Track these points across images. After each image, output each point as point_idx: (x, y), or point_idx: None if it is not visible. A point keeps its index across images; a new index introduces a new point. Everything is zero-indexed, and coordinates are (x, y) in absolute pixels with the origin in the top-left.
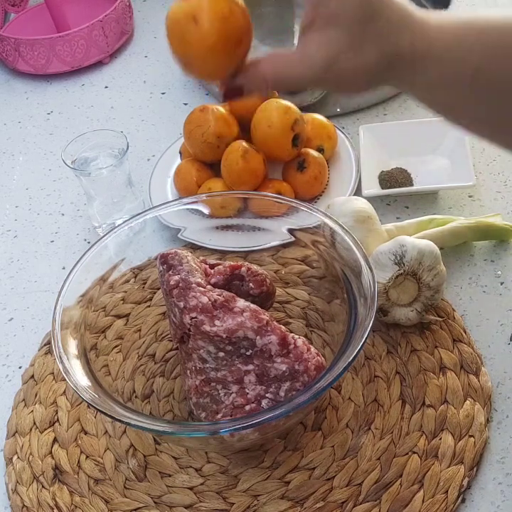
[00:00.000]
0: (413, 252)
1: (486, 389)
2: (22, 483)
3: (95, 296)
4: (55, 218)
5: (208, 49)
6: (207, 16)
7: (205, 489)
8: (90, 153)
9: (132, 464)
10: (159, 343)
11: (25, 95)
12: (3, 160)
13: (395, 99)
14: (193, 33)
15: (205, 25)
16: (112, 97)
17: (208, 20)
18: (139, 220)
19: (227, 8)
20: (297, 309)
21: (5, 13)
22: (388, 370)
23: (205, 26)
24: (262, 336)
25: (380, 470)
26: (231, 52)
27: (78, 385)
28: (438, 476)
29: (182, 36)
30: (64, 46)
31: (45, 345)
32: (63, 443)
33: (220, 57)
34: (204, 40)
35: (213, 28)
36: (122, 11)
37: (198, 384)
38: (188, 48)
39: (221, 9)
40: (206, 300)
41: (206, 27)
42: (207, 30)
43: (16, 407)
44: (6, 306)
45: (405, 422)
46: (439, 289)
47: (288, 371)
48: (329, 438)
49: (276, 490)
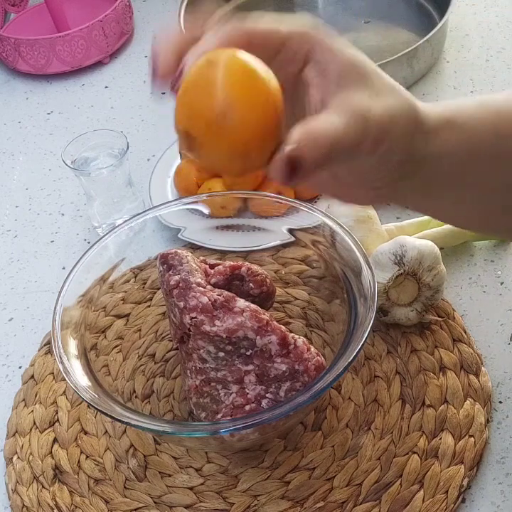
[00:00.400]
0: (413, 252)
1: (486, 389)
2: (22, 483)
3: (95, 296)
4: (55, 218)
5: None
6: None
7: (205, 489)
8: (90, 153)
9: (132, 464)
10: (159, 343)
11: (25, 95)
12: (3, 160)
13: None
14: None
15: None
16: (111, 97)
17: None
18: (139, 220)
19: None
20: (297, 309)
21: (5, 13)
22: (388, 370)
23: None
24: (262, 335)
25: (380, 470)
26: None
27: (78, 385)
28: (438, 476)
29: (207, 129)
30: (64, 46)
31: (45, 345)
32: (63, 443)
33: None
34: (235, 141)
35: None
36: (122, 11)
37: (198, 384)
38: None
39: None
40: (206, 300)
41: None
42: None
43: (16, 407)
44: (6, 306)
45: (405, 422)
46: (439, 289)
47: (288, 371)
48: (329, 438)
49: (276, 490)
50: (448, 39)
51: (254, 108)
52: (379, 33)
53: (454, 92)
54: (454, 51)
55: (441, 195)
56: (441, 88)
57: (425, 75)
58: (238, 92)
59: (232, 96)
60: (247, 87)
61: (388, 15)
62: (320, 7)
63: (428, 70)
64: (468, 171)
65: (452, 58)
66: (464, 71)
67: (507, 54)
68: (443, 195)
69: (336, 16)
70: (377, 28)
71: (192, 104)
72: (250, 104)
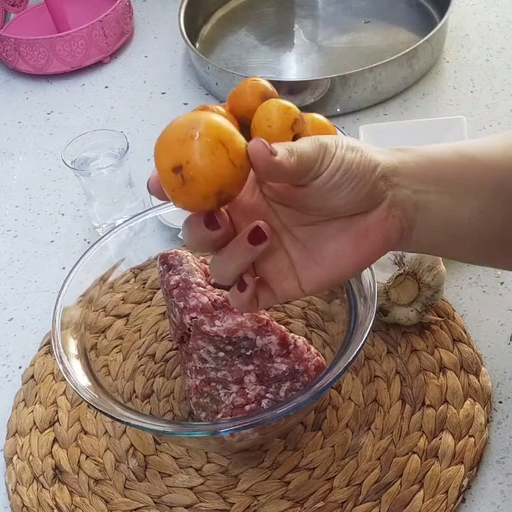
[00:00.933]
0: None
1: (486, 389)
2: (22, 483)
3: (95, 296)
4: (55, 218)
5: (196, 203)
6: (204, 178)
7: (205, 489)
8: (90, 153)
9: (132, 464)
10: (159, 343)
11: (25, 95)
12: (3, 160)
13: (395, 99)
14: (181, 189)
15: (195, 185)
16: (111, 97)
17: (199, 180)
18: (139, 220)
19: (224, 169)
20: (297, 309)
21: (5, 13)
22: (388, 370)
23: (195, 186)
24: (262, 335)
25: (380, 470)
26: (219, 202)
27: (78, 385)
28: (438, 476)
29: (168, 181)
30: (64, 46)
31: (45, 345)
32: (63, 443)
33: (207, 204)
34: (194, 195)
35: (205, 187)
36: (122, 11)
37: (198, 384)
38: (178, 194)
39: (216, 169)
40: (206, 300)
41: (195, 186)
42: (196, 188)
43: (16, 407)
44: (6, 306)
45: (405, 422)
46: (439, 289)
47: (288, 371)
48: (329, 438)
49: (276, 490)
50: (448, 39)
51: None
52: (379, 33)
53: (454, 92)
54: (454, 51)
55: (441, 253)
56: (441, 88)
57: (425, 75)
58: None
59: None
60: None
61: (388, 15)
62: (320, 7)
63: (428, 70)
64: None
65: (452, 58)
66: (464, 71)
67: (507, 54)
68: (441, 254)
69: (336, 16)
70: (377, 28)
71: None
72: (214, 173)
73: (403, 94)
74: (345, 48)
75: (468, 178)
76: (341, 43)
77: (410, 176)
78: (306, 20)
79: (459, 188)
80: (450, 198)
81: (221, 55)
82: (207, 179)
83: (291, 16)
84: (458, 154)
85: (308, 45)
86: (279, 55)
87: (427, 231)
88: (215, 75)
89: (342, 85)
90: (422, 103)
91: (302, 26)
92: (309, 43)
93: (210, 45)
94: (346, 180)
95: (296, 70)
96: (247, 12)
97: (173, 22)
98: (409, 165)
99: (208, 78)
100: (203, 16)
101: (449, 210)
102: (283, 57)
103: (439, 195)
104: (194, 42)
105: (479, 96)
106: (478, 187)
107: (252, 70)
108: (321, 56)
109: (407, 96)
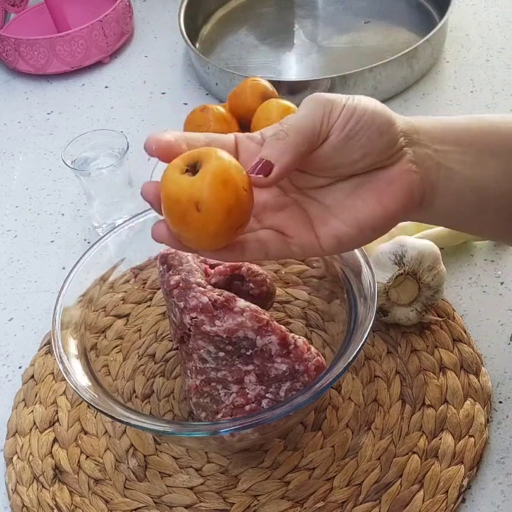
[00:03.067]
0: (413, 252)
1: (486, 389)
2: (22, 483)
3: (95, 296)
4: (55, 218)
5: (209, 235)
6: (210, 206)
7: (205, 489)
8: (90, 153)
9: (132, 464)
10: (159, 343)
11: (25, 95)
12: (3, 160)
13: (395, 99)
14: (194, 219)
15: (208, 216)
16: (111, 97)
17: (212, 211)
18: (139, 220)
19: (234, 199)
20: (297, 309)
21: (5, 13)
22: (388, 370)
23: (208, 217)
24: (262, 335)
25: (380, 470)
26: (232, 234)
27: (78, 385)
28: (438, 476)
29: (182, 216)
30: (64, 46)
31: (45, 345)
32: (63, 443)
33: (220, 240)
34: (206, 227)
35: (217, 219)
36: (122, 10)
37: (198, 384)
38: (186, 228)
39: (227, 199)
40: (206, 300)
41: (209, 217)
42: (210, 219)
43: (16, 407)
44: (6, 306)
45: (405, 422)
46: (439, 289)
47: (288, 371)
48: (329, 438)
49: (276, 490)
50: (448, 39)
51: (224, 205)
52: (379, 33)
53: (454, 92)
54: (454, 51)
55: (462, 224)
56: (441, 88)
57: (425, 75)
58: (211, 190)
59: (205, 193)
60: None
61: (388, 15)
62: (320, 7)
63: (428, 70)
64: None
65: (452, 58)
66: (463, 71)
67: (507, 54)
68: (465, 224)
69: (335, 16)
70: (377, 28)
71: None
72: (220, 201)
73: (403, 94)
74: (345, 47)
75: (489, 141)
76: (341, 43)
77: (429, 135)
78: (306, 20)
79: (480, 150)
80: (472, 158)
81: (221, 55)
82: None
83: (291, 16)
84: (476, 119)
85: (308, 45)
86: (279, 55)
87: (451, 193)
88: (215, 75)
89: (342, 85)
90: (422, 103)
91: (302, 26)
92: (309, 43)
93: (210, 45)
94: (361, 128)
95: (296, 70)
96: (247, 12)
97: (173, 22)
98: (427, 126)
99: (207, 78)
100: (203, 15)
101: (472, 169)
102: (283, 57)
103: (461, 155)
104: (194, 42)
105: (479, 96)
106: (500, 149)
107: (252, 70)
108: (321, 56)
109: (407, 96)
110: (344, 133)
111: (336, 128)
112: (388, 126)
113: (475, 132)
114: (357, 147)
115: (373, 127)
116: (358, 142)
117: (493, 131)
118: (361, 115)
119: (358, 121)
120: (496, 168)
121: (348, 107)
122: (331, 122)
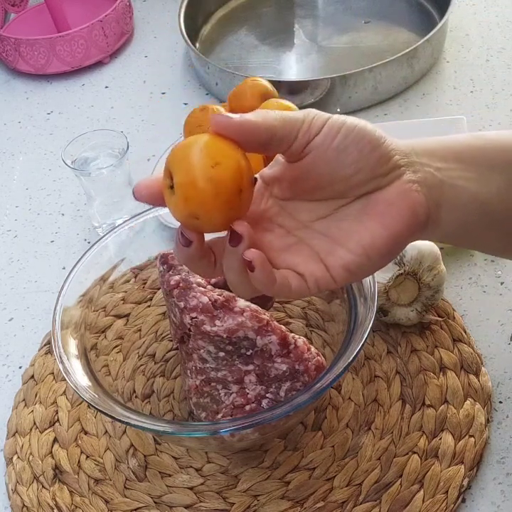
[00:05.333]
0: (413, 252)
1: (486, 389)
2: (22, 483)
3: (95, 296)
4: (55, 218)
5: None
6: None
7: (205, 489)
8: (90, 153)
9: (132, 464)
10: (159, 343)
11: (25, 95)
12: (3, 160)
13: (395, 99)
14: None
15: None
16: (111, 97)
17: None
18: (139, 220)
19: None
20: (297, 309)
21: (5, 13)
22: (388, 370)
23: None
24: (262, 335)
25: (380, 470)
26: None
27: (78, 385)
28: (438, 476)
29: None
30: (64, 46)
31: (45, 345)
32: (63, 443)
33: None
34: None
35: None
36: (122, 10)
37: (198, 384)
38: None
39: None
40: (206, 300)
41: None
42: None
43: (16, 407)
44: (6, 306)
45: (405, 422)
46: (439, 288)
47: (288, 371)
48: (329, 438)
49: (276, 490)
50: (448, 39)
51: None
52: (379, 33)
53: (454, 92)
54: (454, 51)
55: (471, 240)
56: (441, 88)
57: (425, 75)
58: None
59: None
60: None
61: (388, 15)
62: (320, 7)
63: (428, 70)
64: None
65: (452, 58)
66: (463, 71)
67: (507, 54)
68: (473, 240)
69: (335, 16)
70: (377, 28)
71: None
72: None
73: (403, 94)
74: (345, 47)
75: (489, 157)
76: (341, 43)
77: (430, 155)
78: (306, 20)
79: (482, 165)
80: (475, 174)
81: (221, 55)
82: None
83: (291, 16)
84: (474, 137)
85: (308, 45)
86: (279, 55)
87: (456, 208)
88: (215, 75)
89: (342, 85)
90: (422, 103)
91: (302, 26)
92: (309, 43)
93: (210, 45)
94: (351, 143)
95: (296, 70)
96: (247, 12)
97: (173, 22)
98: (427, 146)
99: (207, 78)
100: (203, 16)
101: (476, 185)
102: (283, 57)
103: (463, 172)
104: (194, 42)
105: (479, 96)
106: (501, 165)
107: (252, 70)
108: (321, 56)
109: (407, 96)
110: (334, 144)
111: (323, 138)
112: (378, 142)
113: (475, 149)
114: (349, 161)
115: (364, 141)
116: (349, 156)
117: (493, 147)
118: (351, 129)
119: (347, 135)
120: (498, 183)
121: (335, 118)
122: (316, 123)
